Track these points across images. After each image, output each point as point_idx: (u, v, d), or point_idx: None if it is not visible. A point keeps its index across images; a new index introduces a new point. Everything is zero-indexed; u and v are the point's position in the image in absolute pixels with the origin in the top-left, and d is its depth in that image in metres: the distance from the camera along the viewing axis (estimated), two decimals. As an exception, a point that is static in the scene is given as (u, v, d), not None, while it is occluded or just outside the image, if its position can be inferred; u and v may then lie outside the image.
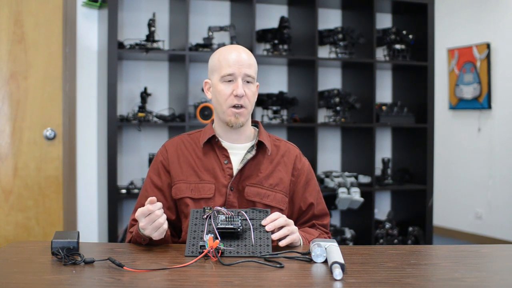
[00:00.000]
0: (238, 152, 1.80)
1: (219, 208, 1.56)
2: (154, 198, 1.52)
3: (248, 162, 1.77)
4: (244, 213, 1.57)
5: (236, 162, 1.78)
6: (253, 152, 1.78)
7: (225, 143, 1.80)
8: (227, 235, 1.51)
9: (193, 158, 1.80)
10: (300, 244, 1.66)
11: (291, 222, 1.62)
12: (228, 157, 1.78)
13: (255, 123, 1.89)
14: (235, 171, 1.76)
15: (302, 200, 1.83)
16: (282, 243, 1.57)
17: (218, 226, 1.50)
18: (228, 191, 1.75)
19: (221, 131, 1.81)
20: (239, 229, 1.51)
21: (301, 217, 1.85)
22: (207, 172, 1.77)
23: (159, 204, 1.52)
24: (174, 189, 1.78)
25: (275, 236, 1.55)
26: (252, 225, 1.55)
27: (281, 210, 1.77)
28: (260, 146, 1.80)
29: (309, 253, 1.47)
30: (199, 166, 1.78)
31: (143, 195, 1.81)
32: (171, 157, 1.81)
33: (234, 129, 1.77)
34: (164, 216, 1.54)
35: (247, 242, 1.50)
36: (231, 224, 1.51)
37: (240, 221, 1.53)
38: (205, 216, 1.55)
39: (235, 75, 1.72)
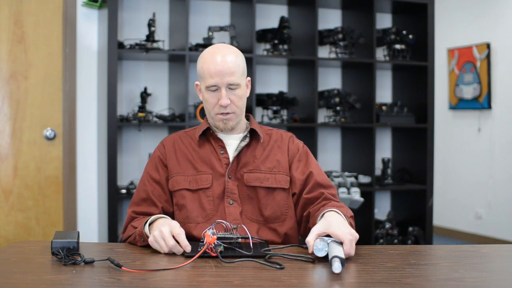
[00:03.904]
0: (233, 142, 1.82)
1: (220, 220, 1.56)
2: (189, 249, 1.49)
3: (243, 149, 1.80)
4: (243, 226, 1.55)
5: (232, 152, 1.81)
6: (247, 140, 1.81)
7: (220, 135, 1.83)
8: (226, 245, 1.50)
9: (189, 151, 1.82)
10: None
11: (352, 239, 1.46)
12: (224, 147, 1.81)
13: (246, 116, 1.90)
14: (231, 160, 1.78)
15: (301, 172, 1.80)
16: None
17: (217, 236, 1.49)
18: (226, 179, 1.76)
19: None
20: (238, 240, 1.50)
21: (305, 187, 1.79)
22: (204, 163, 1.79)
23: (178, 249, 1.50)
24: (171, 181, 1.79)
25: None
26: (251, 238, 1.52)
27: (284, 190, 1.77)
28: (253, 134, 1.83)
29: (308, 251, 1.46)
30: (196, 158, 1.81)
31: (141, 189, 1.82)
32: (168, 152, 1.83)
33: (224, 132, 1.80)
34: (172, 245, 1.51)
35: (245, 250, 1.49)
36: (230, 234, 1.51)
37: (238, 234, 1.53)
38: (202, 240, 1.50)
39: (218, 85, 1.72)
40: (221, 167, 1.78)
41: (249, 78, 1.83)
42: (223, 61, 1.71)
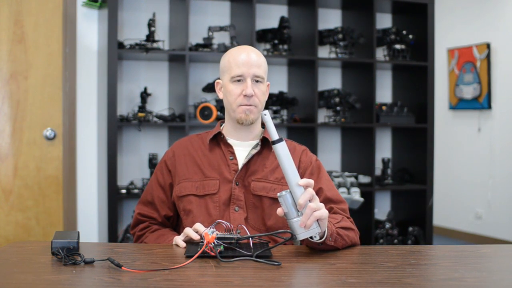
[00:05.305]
0: (244, 148, 1.81)
1: (220, 220, 1.56)
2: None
3: (253, 157, 1.79)
4: (243, 226, 1.55)
5: (242, 158, 1.80)
6: (258, 148, 1.80)
7: (231, 140, 1.82)
8: (226, 245, 1.50)
9: (199, 156, 1.82)
10: (325, 234, 1.51)
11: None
12: (233, 153, 1.80)
13: (263, 125, 1.90)
14: (240, 166, 1.78)
15: None
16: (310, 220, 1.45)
17: (218, 235, 1.49)
18: (233, 185, 1.76)
19: (231, 128, 1.83)
20: (238, 240, 1.50)
21: None
22: (212, 169, 1.79)
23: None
24: (178, 187, 1.80)
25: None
26: (252, 239, 1.52)
27: None
28: (265, 142, 1.82)
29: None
30: (205, 163, 1.81)
31: (148, 191, 1.87)
32: (177, 158, 1.84)
33: (244, 126, 1.79)
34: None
35: (246, 250, 1.49)
36: (230, 234, 1.51)
37: (238, 234, 1.53)
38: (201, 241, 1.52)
39: (244, 76, 1.75)
40: (229, 173, 1.77)
41: (268, 83, 1.86)
42: (249, 55, 1.78)
